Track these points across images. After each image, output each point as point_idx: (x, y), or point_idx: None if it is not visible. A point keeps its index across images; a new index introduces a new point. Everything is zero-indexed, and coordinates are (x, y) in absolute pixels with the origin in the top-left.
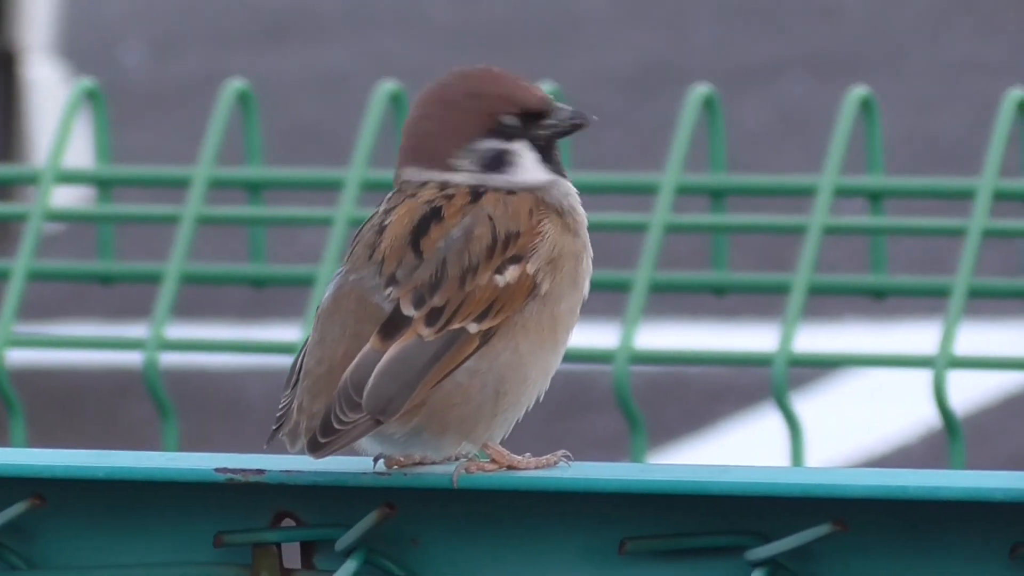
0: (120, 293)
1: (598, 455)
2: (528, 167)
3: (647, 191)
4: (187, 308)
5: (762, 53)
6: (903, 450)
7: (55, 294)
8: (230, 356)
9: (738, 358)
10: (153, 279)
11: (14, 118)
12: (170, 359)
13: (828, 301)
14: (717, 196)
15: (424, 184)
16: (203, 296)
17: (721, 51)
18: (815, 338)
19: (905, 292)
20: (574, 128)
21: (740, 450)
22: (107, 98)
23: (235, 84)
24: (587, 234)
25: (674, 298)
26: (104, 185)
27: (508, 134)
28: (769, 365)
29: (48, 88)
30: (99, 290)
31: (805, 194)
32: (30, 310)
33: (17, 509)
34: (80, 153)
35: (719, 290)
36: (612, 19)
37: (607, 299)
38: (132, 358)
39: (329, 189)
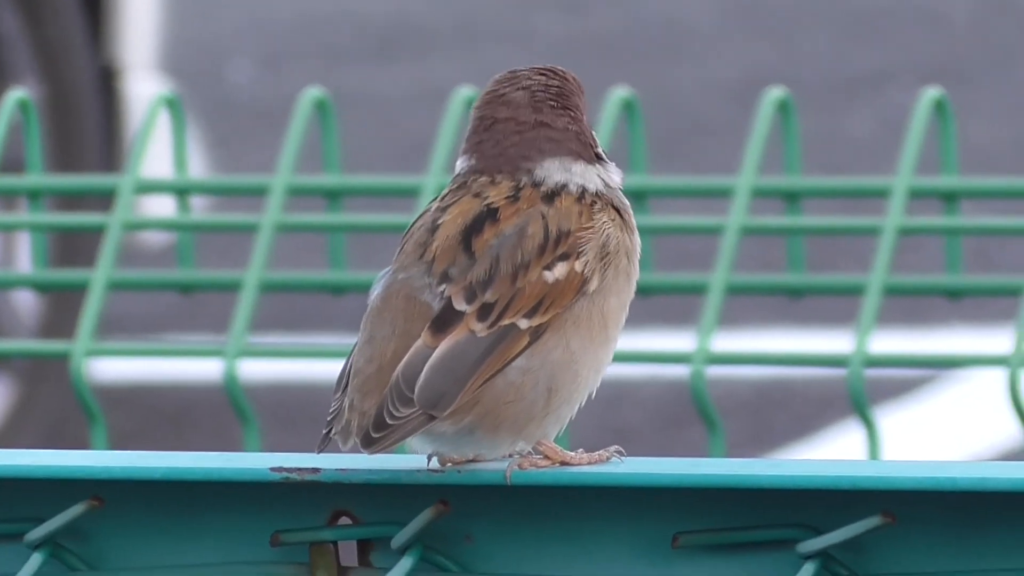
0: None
1: None
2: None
3: (722, 194)
4: (299, 321)
5: (869, 62)
6: (1012, 455)
7: (168, 308)
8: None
9: (814, 359)
10: (231, 288)
11: (117, 135)
12: (278, 373)
13: (933, 307)
14: (792, 199)
15: (497, 182)
16: (316, 308)
17: (828, 60)
18: (917, 343)
19: (978, 292)
20: None
21: (848, 457)
22: (217, 115)
23: (312, 92)
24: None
25: (748, 302)
26: (182, 194)
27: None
28: (845, 366)
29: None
30: (213, 302)
31: (880, 196)
32: (144, 324)
33: (76, 511)
34: (193, 167)
35: (795, 292)
36: (720, 29)
37: (683, 303)
38: (242, 373)
39: (409, 196)
